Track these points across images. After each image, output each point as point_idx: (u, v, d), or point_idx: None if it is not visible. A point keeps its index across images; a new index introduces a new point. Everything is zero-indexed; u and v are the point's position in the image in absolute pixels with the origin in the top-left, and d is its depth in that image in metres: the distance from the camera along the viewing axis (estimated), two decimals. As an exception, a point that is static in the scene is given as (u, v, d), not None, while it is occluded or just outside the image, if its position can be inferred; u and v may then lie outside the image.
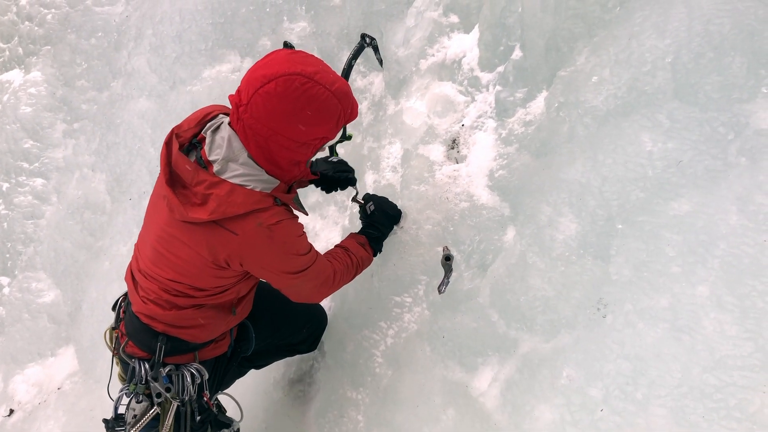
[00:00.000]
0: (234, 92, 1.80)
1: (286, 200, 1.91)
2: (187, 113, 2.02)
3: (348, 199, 3.03)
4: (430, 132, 2.63)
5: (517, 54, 2.34)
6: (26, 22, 5.09)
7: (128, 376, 2.16)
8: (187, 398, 2.10)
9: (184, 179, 1.83)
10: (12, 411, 4.37)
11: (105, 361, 3.87)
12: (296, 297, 2.15)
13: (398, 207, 2.56)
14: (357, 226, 2.55)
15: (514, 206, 2.20)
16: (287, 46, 2.43)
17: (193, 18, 4.03)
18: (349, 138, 2.35)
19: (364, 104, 3.18)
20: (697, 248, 1.59)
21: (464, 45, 2.64)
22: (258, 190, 1.82)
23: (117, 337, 2.21)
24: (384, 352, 2.50)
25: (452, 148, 2.56)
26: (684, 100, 1.74)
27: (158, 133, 4.19)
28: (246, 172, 1.82)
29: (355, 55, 2.55)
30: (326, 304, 2.90)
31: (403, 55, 2.82)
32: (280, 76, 1.69)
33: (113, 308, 2.29)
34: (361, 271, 2.35)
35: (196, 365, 2.13)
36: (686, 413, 1.46)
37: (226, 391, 2.47)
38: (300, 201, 2.06)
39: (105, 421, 2.19)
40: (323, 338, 2.84)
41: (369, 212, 2.48)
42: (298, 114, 1.73)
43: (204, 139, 1.87)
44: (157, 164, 4.10)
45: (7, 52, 5.27)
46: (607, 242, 1.79)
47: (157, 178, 1.96)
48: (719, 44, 1.70)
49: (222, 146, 1.82)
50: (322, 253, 2.20)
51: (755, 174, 1.57)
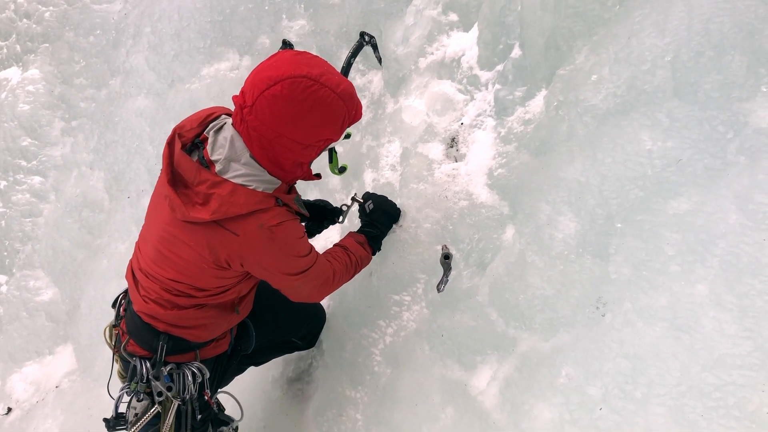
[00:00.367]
0: (236, 92, 1.80)
1: (287, 201, 1.90)
2: (186, 111, 2.01)
3: (347, 197, 3.03)
4: (429, 130, 2.63)
5: (516, 52, 2.34)
6: (24, 20, 5.08)
7: (129, 374, 2.16)
8: (188, 397, 2.10)
9: (186, 179, 1.83)
10: (10, 409, 4.36)
11: (103, 359, 3.87)
12: (296, 297, 2.15)
13: (397, 206, 2.56)
14: (356, 225, 2.54)
15: (513, 205, 2.19)
16: (286, 44, 2.43)
17: (192, 16, 4.02)
18: (348, 136, 2.34)
19: (363, 102, 3.17)
20: (696, 247, 1.59)
21: (463, 43, 2.64)
22: (260, 190, 1.82)
23: (117, 335, 2.21)
24: (383, 351, 2.50)
25: (451, 147, 2.56)
26: (683, 98, 1.73)
27: (157, 131, 4.18)
28: (248, 172, 1.81)
29: (354, 54, 2.55)
30: (325, 303, 2.90)
31: (402, 54, 2.82)
32: (285, 79, 1.68)
33: (113, 305, 2.29)
34: (360, 270, 2.35)
35: (198, 364, 2.13)
36: (685, 412, 1.46)
37: (227, 389, 2.47)
38: (301, 201, 2.06)
39: (105, 420, 2.18)
40: (322, 337, 2.84)
41: (368, 211, 2.48)
42: (303, 116, 1.72)
43: (206, 139, 1.87)
44: (155, 162, 4.10)
45: (4, 50, 5.26)
46: (606, 241, 1.79)
47: (159, 178, 1.95)
48: (719, 43, 1.69)
49: (224, 146, 1.81)
50: (321, 252, 2.20)
51: (754, 173, 1.57)
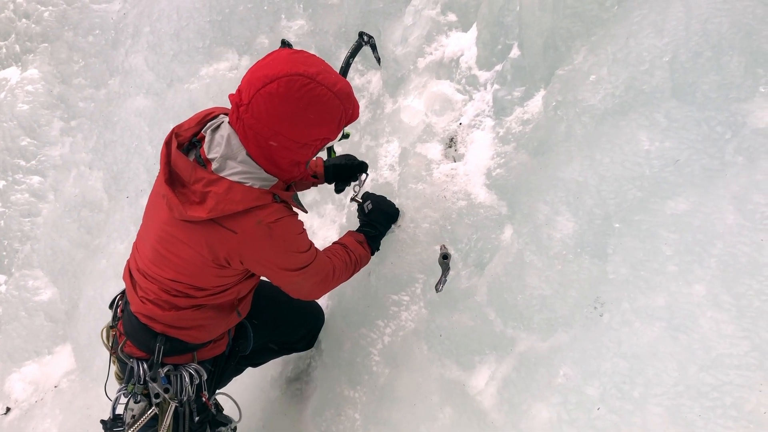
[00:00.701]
0: (233, 91, 1.79)
1: (284, 197, 1.90)
2: (185, 111, 2.01)
3: (346, 197, 3.03)
4: (428, 130, 2.63)
5: (515, 53, 2.34)
6: (23, 20, 5.08)
7: (126, 376, 2.15)
8: (185, 399, 2.10)
9: (182, 178, 1.82)
10: (8, 409, 4.36)
11: (102, 359, 3.86)
12: (296, 294, 2.15)
13: (396, 206, 2.56)
14: (355, 225, 2.54)
15: (511, 205, 2.20)
16: (285, 44, 2.42)
17: (191, 16, 4.01)
18: (346, 136, 2.34)
19: (362, 102, 3.17)
20: (693, 247, 1.59)
21: (462, 43, 2.64)
22: (257, 187, 1.82)
23: (115, 336, 2.20)
24: (381, 351, 2.50)
25: (450, 147, 2.56)
26: (682, 99, 1.73)
27: (155, 131, 4.18)
28: (244, 169, 1.81)
29: (352, 54, 2.54)
30: (323, 303, 2.90)
31: (401, 54, 2.82)
32: (282, 77, 1.68)
33: (110, 306, 2.28)
34: (359, 269, 2.35)
35: (195, 366, 2.13)
36: (683, 412, 1.47)
37: (225, 390, 2.46)
38: (298, 198, 2.05)
39: (103, 422, 2.18)
40: (320, 336, 2.84)
41: (367, 211, 2.48)
42: (300, 115, 1.72)
43: (204, 137, 1.87)
44: (154, 162, 4.10)
45: (4, 50, 5.25)
46: (604, 241, 1.79)
47: (157, 178, 1.95)
48: (717, 43, 1.70)
49: (221, 144, 1.81)
50: (321, 250, 2.20)
51: (752, 173, 1.57)
